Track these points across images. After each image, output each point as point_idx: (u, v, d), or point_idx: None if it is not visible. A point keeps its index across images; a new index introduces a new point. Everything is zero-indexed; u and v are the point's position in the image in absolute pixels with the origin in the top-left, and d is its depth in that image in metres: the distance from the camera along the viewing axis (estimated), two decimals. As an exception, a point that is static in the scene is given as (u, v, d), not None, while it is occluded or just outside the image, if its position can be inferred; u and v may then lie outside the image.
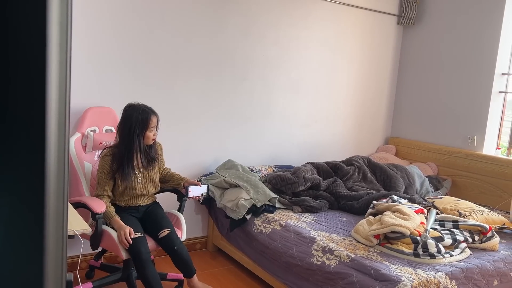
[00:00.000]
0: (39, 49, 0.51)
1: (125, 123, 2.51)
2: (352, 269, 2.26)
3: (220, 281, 3.00)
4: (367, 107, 4.39)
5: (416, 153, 4.28)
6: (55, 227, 0.55)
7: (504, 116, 3.89)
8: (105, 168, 2.53)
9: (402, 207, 2.65)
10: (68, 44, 0.56)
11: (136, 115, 2.49)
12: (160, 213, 2.70)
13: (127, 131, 2.50)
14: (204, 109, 3.39)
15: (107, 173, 2.53)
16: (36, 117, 0.50)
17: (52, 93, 0.51)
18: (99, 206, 2.38)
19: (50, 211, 0.53)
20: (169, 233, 2.55)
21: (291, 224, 2.79)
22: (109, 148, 2.58)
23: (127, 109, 2.55)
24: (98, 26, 2.85)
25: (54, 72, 0.51)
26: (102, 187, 2.53)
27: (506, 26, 3.70)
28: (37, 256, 0.55)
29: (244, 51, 3.51)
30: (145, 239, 2.47)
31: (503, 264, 2.52)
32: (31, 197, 0.53)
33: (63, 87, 0.54)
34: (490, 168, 3.69)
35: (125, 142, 2.52)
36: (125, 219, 2.53)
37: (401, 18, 4.31)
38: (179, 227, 2.70)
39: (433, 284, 2.14)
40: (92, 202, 2.41)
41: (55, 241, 0.57)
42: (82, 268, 2.98)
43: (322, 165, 3.56)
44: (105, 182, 2.53)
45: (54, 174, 0.53)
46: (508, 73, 3.80)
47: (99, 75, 2.91)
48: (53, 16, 0.51)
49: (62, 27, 0.53)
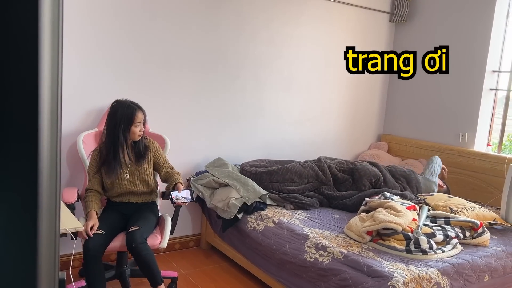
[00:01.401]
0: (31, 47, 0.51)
1: (111, 118, 2.54)
2: (345, 265, 2.28)
3: (214, 279, 3.01)
4: (360, 105, 4.40)
5: (408, 150, 4.31)
6: (48, 226, 0.55)
7: (495, 113, 3.93)
8: (92, 163, 2.58)
9: (394, 204, 2.67)
10: (60, 42, 0.55)
11: (122, 111, 2.52)
12: (145, 212, 2.62)
13: (112, 127, 2.53)
14: (196, 107, 3.38)
15: (93, 168, 2.58)
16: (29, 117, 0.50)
17: (45, 93, 0.51)
18: (71, 197, 2.47)
19: (43, 210, 0.53)
20: (135, 230, 2.40)
21: (284, 221, 2.80)
22: (97, 145, 2.63)
23: (114, 105, 2.58)
24: (90, 25, 2.84)
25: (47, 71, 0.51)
26: (90, 181, 2.58)
27: (496, 24, 3.73)
28: (30, 255, 0.55)
29: (236, 49, 3.50)
30: (101, 238, 2.36)
31: (494, 259, 2.55)
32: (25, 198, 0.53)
33: (55, 86, 0.54)
34: (481, 164, 3.73)
35: (111, 138, 2.54)
36: (108, 214, 2.55)
37: (393, 16, 4.32)
38: (161, 229, 2.66)
39: (425, 280, 2.16)
40: (65, 193, 2.51)
41: (48, 240, 0.57)
42: (75, 267, 2.97)
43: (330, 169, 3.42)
44: (92, 176, 2.57)
45: (47, 174, 0.53)
46: (498, 70, 3.83)
47: (99, 73, 2.90)
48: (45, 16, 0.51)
49: (54, 26, 0.53)
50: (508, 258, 2.63)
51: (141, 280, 2.91)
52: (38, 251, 0.55)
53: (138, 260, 2.40)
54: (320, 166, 3.41)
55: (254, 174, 3.29)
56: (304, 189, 3.29)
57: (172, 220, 2.72)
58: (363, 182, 3.33)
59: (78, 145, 2.72)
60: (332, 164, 3.46)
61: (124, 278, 2.66)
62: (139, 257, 2.37)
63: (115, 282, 2.76)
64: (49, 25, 0.52)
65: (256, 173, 3.29)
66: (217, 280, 3.00)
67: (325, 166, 3.40)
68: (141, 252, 2.35)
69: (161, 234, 2.61)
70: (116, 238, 2.48)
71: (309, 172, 3.32)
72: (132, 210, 2.64)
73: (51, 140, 0.53)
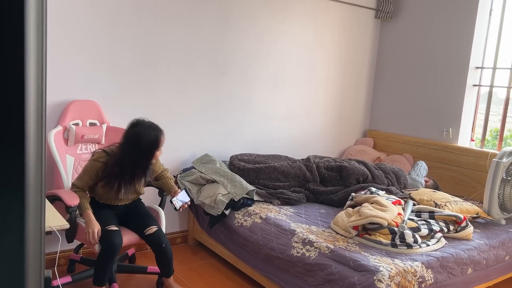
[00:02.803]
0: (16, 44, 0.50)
1: (133, 143, 2.39)
2: (332, 260, 2.30)
3: (201, 275, 3.01)
4: (346, 101, 4.43)
5: (393, 146, 4.36)
6: (34, 224, 0.54)
7: (478, 109, 4.00)
8: (93, 171, 2.45)
9: (380, 199, 2.70)
10: (44, 38, 0.55)
11: (147, 138, 2.38)
12: (142, 208, 2.68)
13: (135, 154, 2.40)
14: (183, 103, 3.36)
15: (91, 176, 2.46)
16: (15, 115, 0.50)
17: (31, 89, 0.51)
18: (72, 199, 2.35)
19: (29, 207, 0.53)
20: (157, 230, 2.55)
21: (272, 217, 2.81)
22: (104, 153, 2.46)
23: (135, 128, 2.41)
24: (77, 19, 2.80)
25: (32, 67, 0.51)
26: (82, 181, 2.46)
27: (479, 21, 3.79)
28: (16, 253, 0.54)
29: (223, 45, 3.49)
30: (120, 233, 2.44)
31: (477, 252, 2.60)
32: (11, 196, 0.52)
33: (40, 82, 0.53)
34: (465, 159, 3.79)
35: (130, 164, 2.43)
36: (102, 212, 2.51)
37: (379, 12, 4.35)
38: (159, 222, 2.69)
39: (410, 273, 2.19)
40: (66, 195, 2.38)
41: (33, 238, 0.56)
42: (61, 265, 2.94)
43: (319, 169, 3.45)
44: (86, 181, 2.47)
45: (33, 171, 0.53)
46: (481, 67, 3.89)
47: (83, 68, 2.86)
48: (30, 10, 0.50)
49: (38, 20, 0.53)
50: (490, 251, 2.69)
51: (127, 276, 2.90)
52: (25, 249, 0.54)
53: (162, 257, 2.57)
54: (308, 166, 3.42)
55: (242, 170, 3.30)
56: (290, 185, 3.31)
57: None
58: (350, 180, 3.35)
59: (50, 144, 2.61)
60: (320, 163, 3.48)
61: (111, 274, 2.65)
62: (165, 255, 2.55)
63: (102, 279, 2.74)
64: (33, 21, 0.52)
65: (244, 169, 3.30)
66: (205, 276, 3.00)
67: (314, 166, 3.42)
68: (168, 252, 2.55)
69: (160, 224, 2.67)
70: (126, 233, 2.53)
71: (296, 172, 3.34)
72: (121, 210, 2.63)
73: (36, 138, 0.52)
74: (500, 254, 2.76)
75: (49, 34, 2.74)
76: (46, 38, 0.55)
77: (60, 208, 2.32)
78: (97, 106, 2.90)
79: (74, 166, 2.77)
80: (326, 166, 3.46)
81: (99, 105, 2.91)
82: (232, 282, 2.95)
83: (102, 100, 2.96)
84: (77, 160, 2.78)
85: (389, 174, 3.54)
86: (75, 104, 2.81)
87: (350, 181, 3.35)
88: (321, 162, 3.51)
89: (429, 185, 3.72)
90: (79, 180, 2.48)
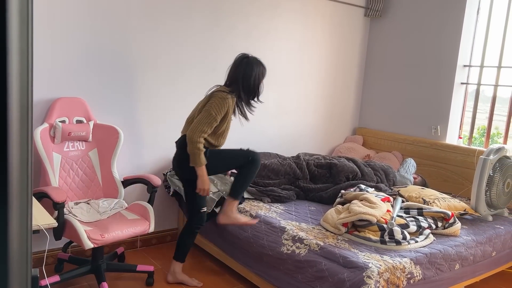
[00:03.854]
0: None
1: (248, 73, 2.63)
2: (321, 257, 2.31)
3: (192, 273, 3.00)
4: (336, 99, 4.45)
5: (382, 143, 4.38)
6: (19, 222, 0.53)
7: (465, 106, 4.04)
8: (223, 108, 2.55)
9: (369, 196, 2.72)
10: (30, 32, 0.54)
11: (259, 69, 2.66)
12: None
13: (251, 82, 2.64)
14: (172, 100, 3.35)
15: (222, 114, 2.56)
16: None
17: (13, 85, 0.50)
18: (60, 195, 2.33)
19: (13, 206, 0.52)
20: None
21: (262, 215, 2.81)
22: (226, 93, 2.59)
23: (247, 59, 2.67)
24: (64, 15, 2.77)
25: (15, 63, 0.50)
26: (211, 125, 2.53)
27: (467, 19, 3.82)
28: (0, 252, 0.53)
29: (213, 42, 3.48)
30: (206, 214, 2.77)
31: (464, 248, 2.63)
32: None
33: (24, 78, 0.52)
34: (453, 157, 3.83)
35: (247, 91, 2.66)
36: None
37: (368, 10, 4.37)
38: (147, 218, 2.68)
39: (399, 269, 2.21)
40: (53, 191, 2.36)
41: (19, 237, 0.55)
42: (49, 264, 2.92)
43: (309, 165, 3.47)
44: (214, 122, 2.54)
45: (17, 167, 0.52)
46: (469, 65, 3.93)
47: (69, 65, 2.83)
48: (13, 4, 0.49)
49: (22, 14, 0.52)
50: (477, 247, 2.72)
51: (117, 274, 2.88)
52: (8, 248, 0.53)
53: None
54: (298, 164, 3.43)
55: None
56: (280, 183, 3.31)
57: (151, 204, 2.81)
58: (340, 177, 3.37)
59: (37, 141, 2.56)
60: (310, 161, 3.49)
61: (100, 273, 2.63)
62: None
63: (91, 277, 2.73)
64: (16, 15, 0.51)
65: None
66: (195, 274, 2.99)
67: (304, 164, 3.43)
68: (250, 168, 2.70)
69: (148, 220, 2.68)
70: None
71: (286, 170, 3.35)
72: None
73: (21, 136, 0.51)
74: (487, 250, 2.79)
75: (35, 30, 2.71)
76: (31, 34, 0.54)
77: (48, 206, 2.30)
78: (84, 103, 2.87)
79: (61, 163, 2.74)
80: (316, 164, 3.47)
81: (85, 102, 2.88)
82: (222, 279, 2.94)
83: (89, 97, 2.94)
84: (64, 158, 2.75)
85: (378, 171, 3.56)
86: (61, 101, 2.77)
87: (340, 178, 3.36)
88: (311, 159, 3.53)
89: (418, 182, 3.75)
90: (206, 125, 2.52)
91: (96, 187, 2.86)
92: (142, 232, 2.62)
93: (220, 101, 2.54)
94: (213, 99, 2.56)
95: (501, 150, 3.15)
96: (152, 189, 2.79)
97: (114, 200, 2.80)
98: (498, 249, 2.90)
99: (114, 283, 2.79)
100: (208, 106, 2.55)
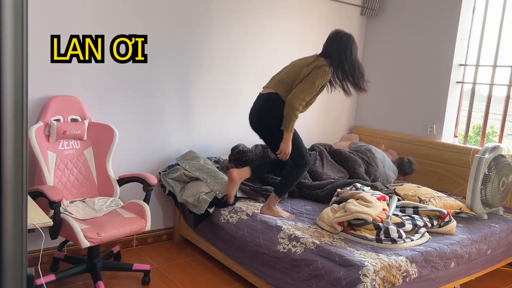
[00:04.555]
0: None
1: (346, 47, 2.75)
2: (317, 255, 2.31)
3: (188, 272, 3.00)
4: (332, 97, 4.44)
5: (378, 142, 4.39)
6: (13, 221, 0.53)
7: (461, 105, 4.05)
8: (325, 82, 2.69)
9: (365, 195, 2.72)
10: (24, 30, 0.54)
11: (354, 44, 2.78)
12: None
13: (348, 55, 2.74)
14: (167, 99, 3.34)
15: (319, 84, 2.65)
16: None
17: (8, 83, 0.49)
18: (56, 194, 2.32)
19: (7, 204, 0.52)
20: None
21: (258, 214, 2.81)
22: (328, 67, 2.68)
23: (342, 34, 2.80)
24: (59, 11, 2.75)
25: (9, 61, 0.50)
26: (311, 95, 2.66)
27: (463, 18, 3.84)
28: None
29: (209, 40, 3.47)
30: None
31: (460, 247, 2.64)
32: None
33: (19, 76, 0.52)
34: (448, 155, 3.84)
35: (344, 66, 2.74)
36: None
37: (364, 9, 4.38)
38: (143, 217, 2.66)
39: (395, 268, 2.22)
40: (49, 190, 2.35)
41: (14, 236, 0.55)
42: (45, 263, 2.90)
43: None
44: (314, 92, 2.67)
45: (12, 166, 0.52)
46: (465, 64, 3.94)
47: (64, 63, 2.82)
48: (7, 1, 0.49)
49: (16, 11, 0.51)
50: (473, 245, 2.74)
51: (113, 273, 2.88)
52: (3, 247, 0.53)
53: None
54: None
55: (226, 167, 3.29)
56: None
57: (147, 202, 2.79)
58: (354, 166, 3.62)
59: (31, 140, 2.54)
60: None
61: (96, 272, 2.62)
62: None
63: (87, 276, 2.72)
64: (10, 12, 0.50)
65: (228, 166, 3.30)
66: (191, 273, 2.99)
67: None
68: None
69: (144, 219, 2.65)
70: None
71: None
72: None
73: (15, 134, 0.51)
74: (482, 248, 2.81)
75: (30, 28, 2.69)
76: (26, 31, 0.54)
77: (43, 205, 2.29)
78: (79, 101, 2.86)
79: (56, 162, 2.72)
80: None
81: (80, 101, 2.87)
82: (218, 278, 2.94)
83: (84, 96, 2.92)
84: (59, 157, 2.74)
85: (365, 154, 3.78)
86: (56, 100, 2.76)
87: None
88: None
89: (396, 162, 3.89)
90: (310, 96, 2.66)
91: (91, 186, 2.85)
92: (139, 230, 2.61)
93: (324, 74, 2.67)
94: (319, 71, 2.66)
95: (496, 148, 3.17)
96: (148, 188, 2.78)
97: (109, 198, 2.79)
98: (493, 247, 2.91)
99: (110, 282, 2.79)
100: (313, 77, 2.65)
